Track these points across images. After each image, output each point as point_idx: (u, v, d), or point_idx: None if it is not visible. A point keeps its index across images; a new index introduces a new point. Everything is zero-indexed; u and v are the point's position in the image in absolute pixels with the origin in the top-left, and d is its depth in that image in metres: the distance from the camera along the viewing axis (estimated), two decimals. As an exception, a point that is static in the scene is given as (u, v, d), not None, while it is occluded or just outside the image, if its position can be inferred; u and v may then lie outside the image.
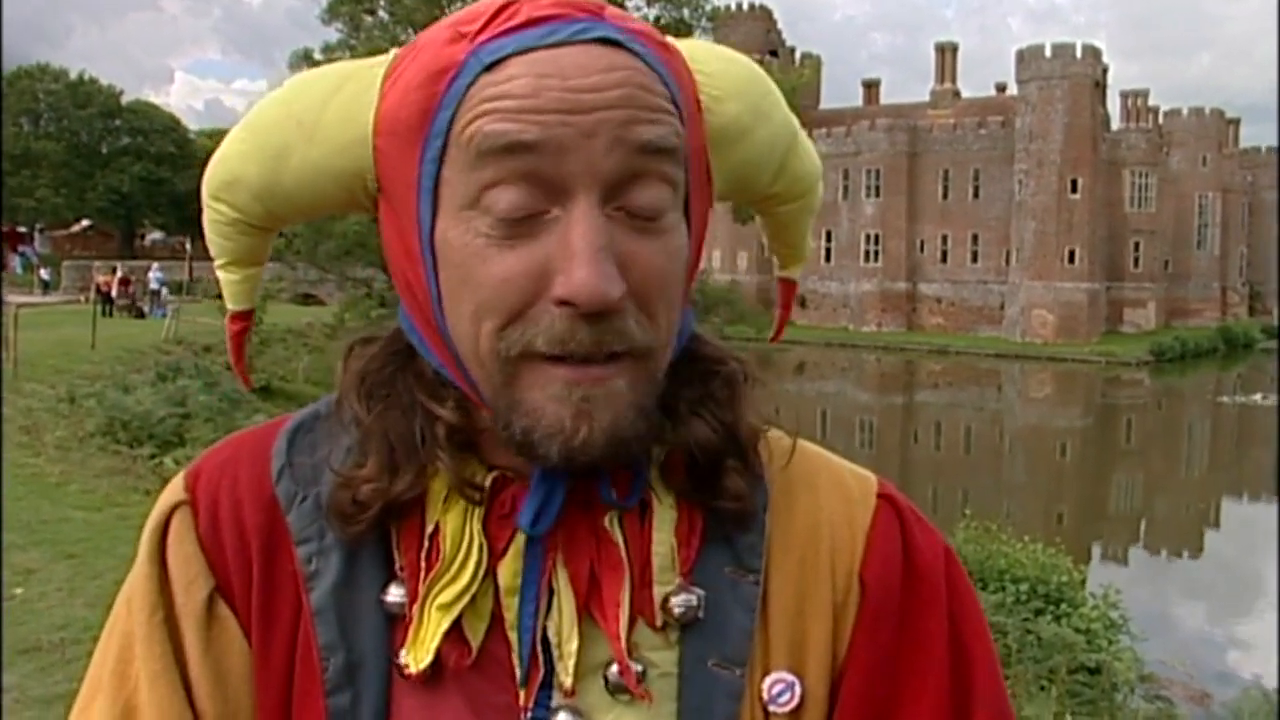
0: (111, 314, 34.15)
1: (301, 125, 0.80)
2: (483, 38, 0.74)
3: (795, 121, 0.89)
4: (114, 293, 36.93)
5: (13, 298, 24.76)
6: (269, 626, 0.83)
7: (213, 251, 0.88)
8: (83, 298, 38.51)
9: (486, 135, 0.71)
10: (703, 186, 0.81)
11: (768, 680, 0.83)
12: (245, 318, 0.92)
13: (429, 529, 0.81)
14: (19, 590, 7.09)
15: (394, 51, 0.80)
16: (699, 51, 0.83)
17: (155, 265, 42.26)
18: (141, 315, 35.88)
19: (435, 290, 0.77)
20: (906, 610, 0.86)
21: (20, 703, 5.22)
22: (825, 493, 0.89)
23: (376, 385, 0.84)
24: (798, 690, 0.83)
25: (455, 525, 0.81)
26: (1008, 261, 68.65)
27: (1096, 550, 23.71)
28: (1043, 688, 8.87)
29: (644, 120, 0.73)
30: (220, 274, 0.89)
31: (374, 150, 0.78)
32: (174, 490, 0.89)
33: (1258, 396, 48.13)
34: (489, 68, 0.73)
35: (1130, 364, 60.78)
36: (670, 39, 0.82)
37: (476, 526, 0.81)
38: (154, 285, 38.27)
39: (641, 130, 0.73)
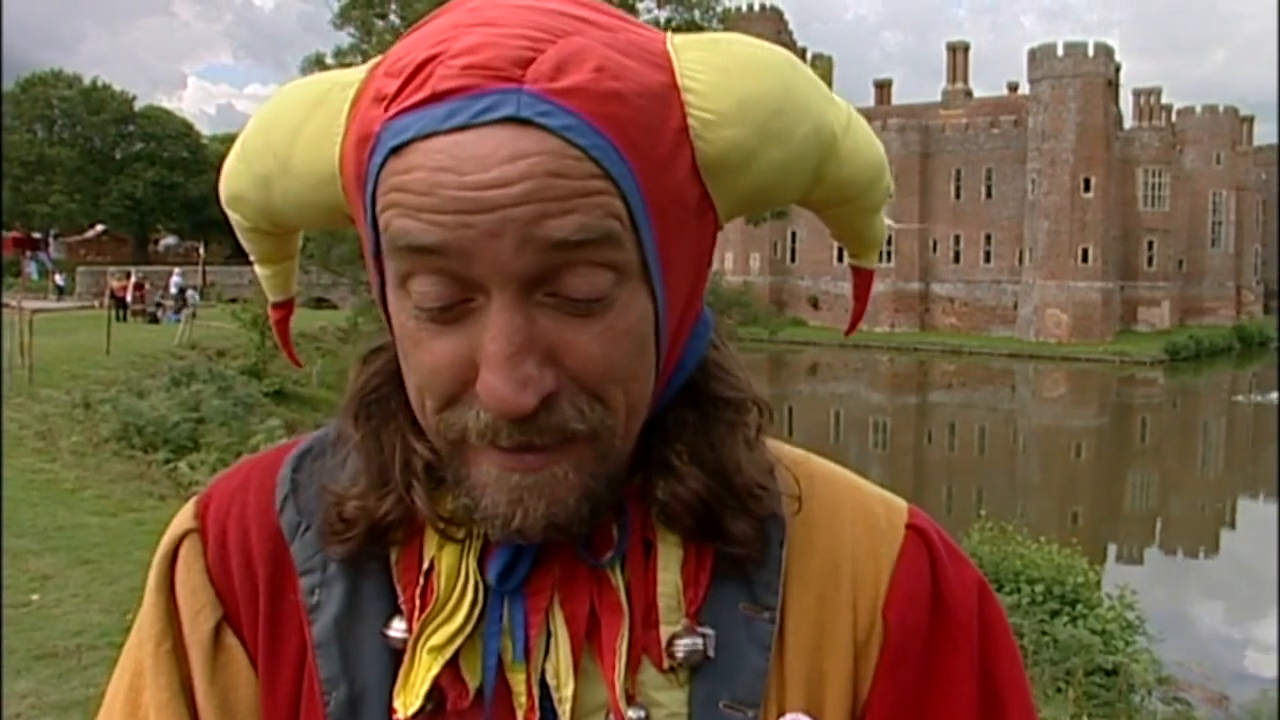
0: (125, 319, 34.32)
1: (277, 157, 0.77)
2: (393, 110, 0.67)
3: (838, 123, 0.77)
4: (128, 298, 37.11)
5: (28, 303, 24.84)
6: (275, 657, 0.82)
7: (246, 249, 0.88)
8: (97, 303, 38.64)
9: (394, 232, 0.67)
10: (686, 225, 0.73)
11: None
12: (285, 306, 0.93)
13: (425, 565, 0.79)
14: (35, 596, 7.11)
15: (368, 67, 0.75)
16: (693, 61, 0.72)
17: (176, 271, 42.31)
18: (155, 320, 36.01)
19: (394, 345, 0.75)
20: (933, 650, 0.83)
21: (37, 709, 5.23)
22: (848, 524, 0.85)
23: (371, 404, 0.82)
24: None
25: (450, 563, 0.78)
26: (1021, 261, 68.54)
27: (1112, 550, 23.66)
28: (1059, 689, 8.84)
29: (555, 214, 0.65)
30: (257, 269, 0.90)
31: (341, 188, 0.75)
32: (184, 518, 0.88)
33: (1273, 395, 47.82)
34: (395, 150, 0.67)
35: (1145, 363, 60.61)
36: (670, 41, 0.73)
37: (472, 565, 0.78)
38: (175, 290, 38.37)
39: (553, 226, 0.65)
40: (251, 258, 0.89)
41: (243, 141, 0.81)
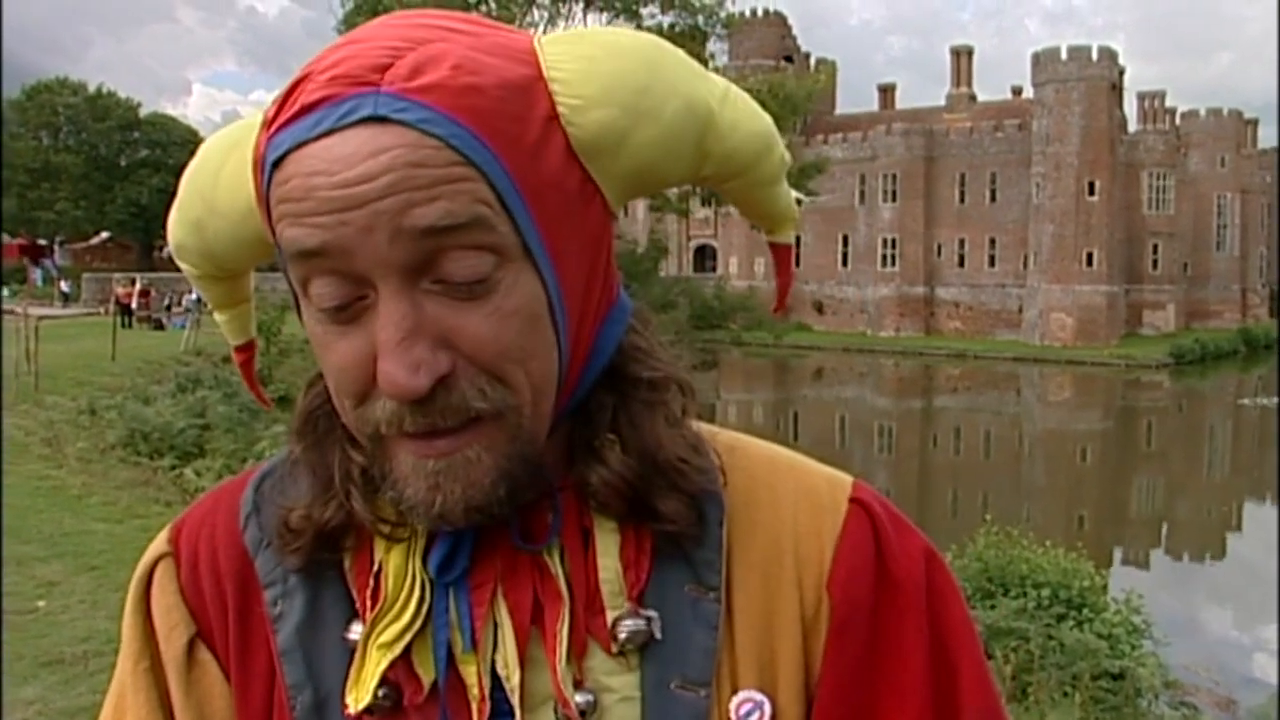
0: (131, 325, 34.37)
1: (204, 200, 0.84)
2: (272, 129, 0.72)
3: (712, 97, 0.80)
4: (133, 304, 37.16)
5: (34, 310, 24.88)
6: (246, 668, 0.86)
7: (202, 297, 0.94)
8: (102, 310, 38.69)
9: (284, 241, 0.72)
10: (569, 209, 0.75)
11: (735, 700, 0.81)
12: (247, 349, 0.98)
13: (375, 567, 0.82)
14: (41, 603, 7.12)
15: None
16: (557, 54, 0.75)
17: None
18: (160, 327, 36.08)
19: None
20: (880, 622, 0.83)
21: (44, 715, 5.24)
22: (790, 502, 0.86)
23: (317, 420, 0.85)
24: (767, 709, 0.81)
25: (398, 563, 0.81)
26: (1026, 265, 68.49)
27: (1118, 554, 23.59)
28: (1066, 694, 8.83)
29: (420, 203, 0.68)
30: (215, 315, 0.96)
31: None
32: (158, 544, 0.92)
33: (1275, 399, 47.79)
34: (275, 164, 0.71)
35: (1150, 366, 60.53)
36: (536, 39, 0.77)
37: (418, 564, 0.80)
38: (195, 294, 38.32)
39: (419, 215, 0.68)
40: (209, 304, 0.95)
41: (180, 193, 0.88)
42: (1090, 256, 65.33)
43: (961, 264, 72.63)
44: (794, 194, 0.90)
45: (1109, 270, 65.54)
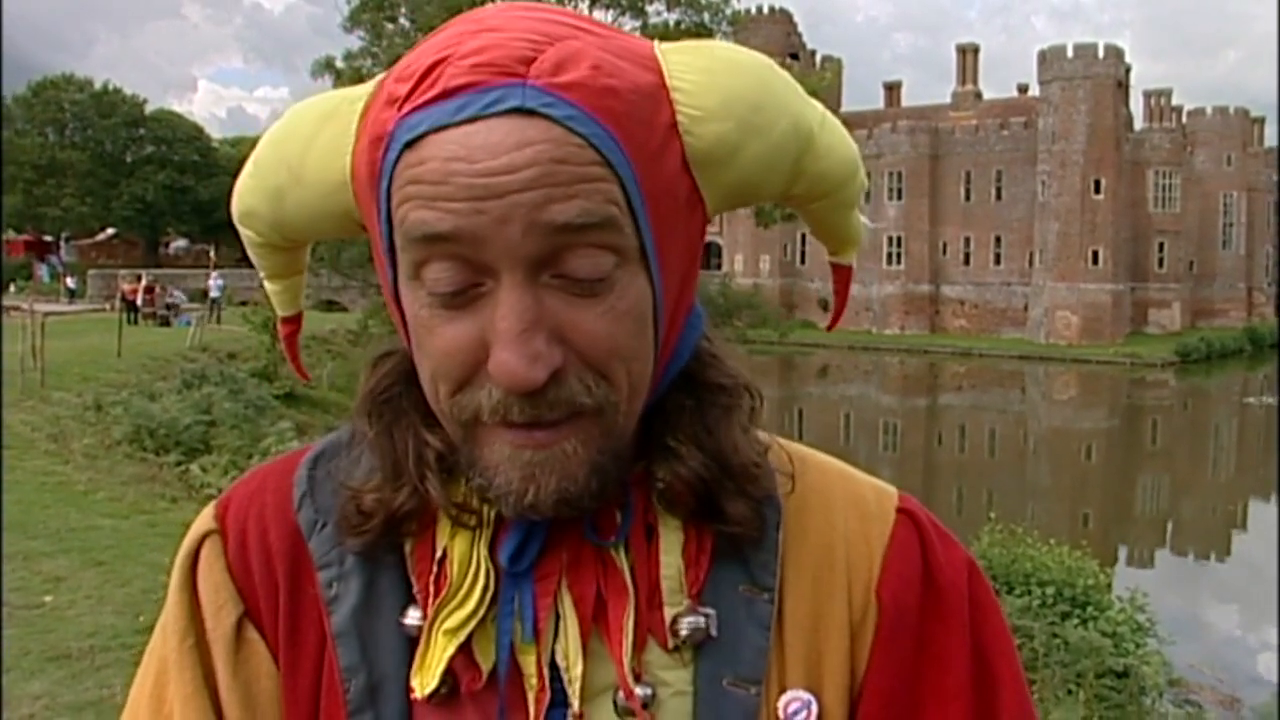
0: (136, 322, 34.39)
1: (290, 169, 0.82)
2: (406, 108, 0.72)
3: (814, 120, 0.83)
4: (139, 300, 37.19)
5: (39, 306, 24.92)
6: (295, 649, 0.85)
7: (255, 265, 0.91)
8: (108, 306, 38.74)
9: (410, 224, 0.71)
10: (678, 216, 0.78)
11: (784, 699, 0.83)
12: (294, 321, 0.96)
13: (438, 554, 0.83)
14: (48, 598, 7.14)
15: (374, 81, 0.80)
16: (680, 64, 0.77)
17: (215, 274, 41.73)
18: (166, 323, 36.09)
19: (406, 339, 0.79)
20: (926, 628, 0.86)
21: (51, 710, 5.26)
22: (840, 509, 0.89)
23: (383, 403, 0.86)
24: (814, 709, 0.83)
25: (463, 550, 0.82)
26: (1031, 263, 68.37)
27: (1123, 553, 23.59)
28: (1070, 691, 8.84)
29: (559, 199, 0.70)
30: (266, 284, 0.93)
31: (353, 194, 0.79)
32: (204, 520, 0.91)
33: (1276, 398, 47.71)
34: (409, 145, 0.71)
35: (1155, 365, 60.40)
36: (657, 46, 0.79)
37: (483, 552, 0.81)
38: (215, 293, 38.29)
39: (557, 211, 0.70)
40: (261, 274, 0.93)
41: (255, 159, 0.85)
42: (1096, 255, 65.21)
43: (967, 262, 72.55)
44: (863, 219, 0.94)
45: (1114, 268, 65.44)
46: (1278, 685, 9.95)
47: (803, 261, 75.13)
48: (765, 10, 78.34)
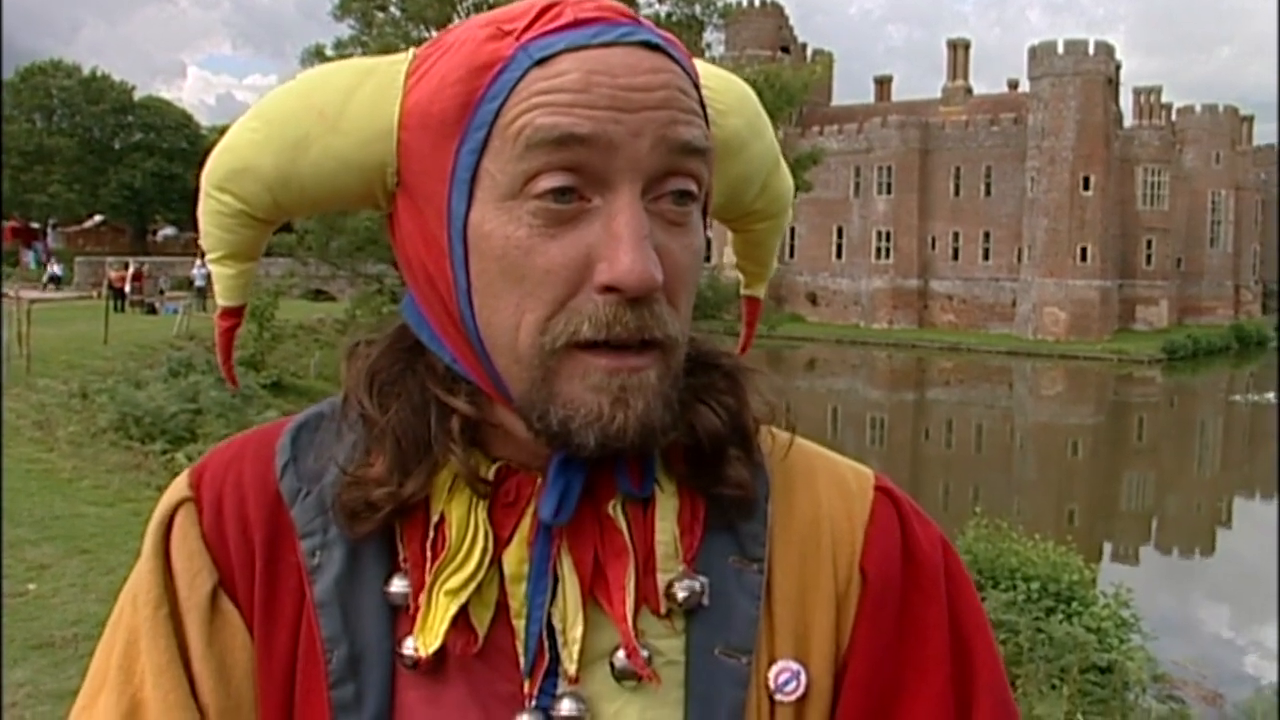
0: (123, 309, 34.27)
1: (324, 116, 0.81)
2: (530, 34, 0.76)
3: (776, 145, 0.95)
4: (126, 288, 37.02)
5: (25, 293, 24.82)
6: (272, 620, 0.85)
7: (208, 244, 0.87)
8: (95, 293, 38.56)
9: (539, 128, 0.74)
10: (710, 192, 0.84)
11: (774, 669, 0.84)
12: (236, 314, 0.91)
13: (434, 519, 0.83)
14: (32, 586, 7.12)
15: (413, 51, 0.83)
16: (702, 69, 0.85)
17: (199, 262, 41.66)
18: (153, 311, 35.96)
19: (465, 283, 0.78)
20: (907, 600, 0.88)
21: (34, 697, 5.24)
22: (823, 487, 0.91)
23: (386, 383, 0.85)
24: (803, 679, 0.84)
25: (460, 514, 0.82)
26: (1019, 259, 68.53)
27: (1108, 549, 23.66)
28: (1054, 686, 8.86)
29: (682, 122, 0.77)
30: (214, 268, 0.88)
31: (398, 143, 0.79)
32: (178, 488, 0.90)
33: (1270, 395, 47.88)
34: (539, 63, 0.75)
35: (1142, 362, 60.61)
36: None
37: (482, 515, 0.82)
38: (199, 282, 38.13)
39: (681, 130, 0.76)
40: (213, 255, 0.87)
41: (263, 111, 0.84)
42: (1084, 251, 65.38)
43: (955, 257, 72.66)
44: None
45: (1103, 265, 65.62)
46: (1278, 685, 9.96)
47: (791, 255, 75.11)
48: (757, 3, 78.17)
